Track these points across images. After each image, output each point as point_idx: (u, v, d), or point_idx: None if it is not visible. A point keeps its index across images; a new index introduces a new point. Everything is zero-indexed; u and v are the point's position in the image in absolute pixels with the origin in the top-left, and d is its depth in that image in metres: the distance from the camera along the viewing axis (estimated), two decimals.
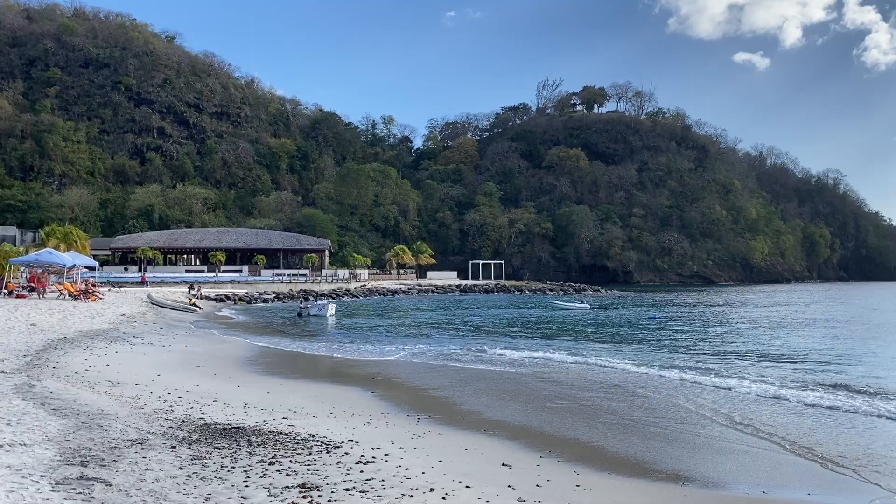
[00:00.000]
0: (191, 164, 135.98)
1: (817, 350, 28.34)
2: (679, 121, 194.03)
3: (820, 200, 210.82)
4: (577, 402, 16.68)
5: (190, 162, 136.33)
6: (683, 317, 50.83)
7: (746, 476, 10.84)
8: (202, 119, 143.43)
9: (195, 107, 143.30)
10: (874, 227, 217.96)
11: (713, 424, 14.45)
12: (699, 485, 10.30)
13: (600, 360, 24.53)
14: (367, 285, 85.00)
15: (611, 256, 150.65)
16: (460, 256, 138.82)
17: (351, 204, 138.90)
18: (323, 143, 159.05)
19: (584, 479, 9.95)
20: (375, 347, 28.89)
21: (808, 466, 11.40)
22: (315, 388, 17.82)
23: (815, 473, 11.04)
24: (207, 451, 9.76)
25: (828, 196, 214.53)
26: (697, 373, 21.26)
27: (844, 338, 34.54)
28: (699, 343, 31.35)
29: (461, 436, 12.58)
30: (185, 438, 10.52)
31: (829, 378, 20.38)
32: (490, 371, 22.12)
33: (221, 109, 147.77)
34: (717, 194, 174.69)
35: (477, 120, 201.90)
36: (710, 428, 14.16)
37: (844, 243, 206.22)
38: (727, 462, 11.67)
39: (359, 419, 13.52)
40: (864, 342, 32.31)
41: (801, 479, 10.76)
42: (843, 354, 26.62)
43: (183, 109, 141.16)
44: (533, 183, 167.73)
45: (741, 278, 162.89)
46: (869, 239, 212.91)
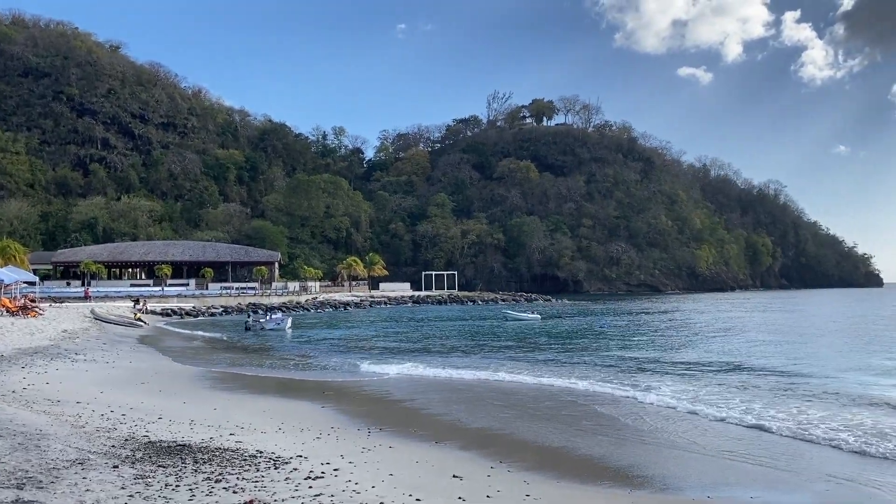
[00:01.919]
0: (136, 176, 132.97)
1: (758, 356, 29.13)
2: (625, 133, 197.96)
3: (761, 210, 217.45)
4: (528, 413, 16.79)
5: (135, 173, 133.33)
6: (633, 325, 51.68)
7: (695, 479, 11.07)
8: (148, 130, 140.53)
9: (140, 117, 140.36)
10: (812, 236, 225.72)
11: (663, 431, 14.72)
12: (649, 489, 10.48)
13: (551, 371, 24.78)
14: (318, 298, 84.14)
15: (561, 266, 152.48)
16: (413, 267, 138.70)
17: (301, 215, 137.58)
18: (272, 155, 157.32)
19: (535, 488, 10.02)
20: (327, 361, 28.63)
21: (752, 470, 11.70)
22: (264, 402, 17.56)
23: (759, 476, 11.34)
24: (151, 470, 9.51)
25: (769, 206, 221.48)
26: (649, 382, 21.65)
27: (786, 344, 35.59)
28: (648, 351, 31.90)
29: (412, 448, 12.54)
30: (129, 457, 10.24)
31: (769, 383, 20.99)
32: (441, 382, 22.12)
33: (168, 120, 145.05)
34: (662, 205, 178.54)
35: (428, 132, 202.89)
36: (659, 434, 14.43)
37: (785, 252, 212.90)
38: (675, 467, 11.87)
39: (308, 434, 13.37)
40: (811, 347, 33.33)
41: (746, 481, 11.04)
42: (784, 360, 27.42)
43: (128, 120, 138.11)
44: (484, 194, 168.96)
45: (687, 287, 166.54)
46: (808, 247, 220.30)
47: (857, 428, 14.34)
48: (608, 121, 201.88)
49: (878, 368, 24.28)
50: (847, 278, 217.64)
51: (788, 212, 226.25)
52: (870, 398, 17.90)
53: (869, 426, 14.54)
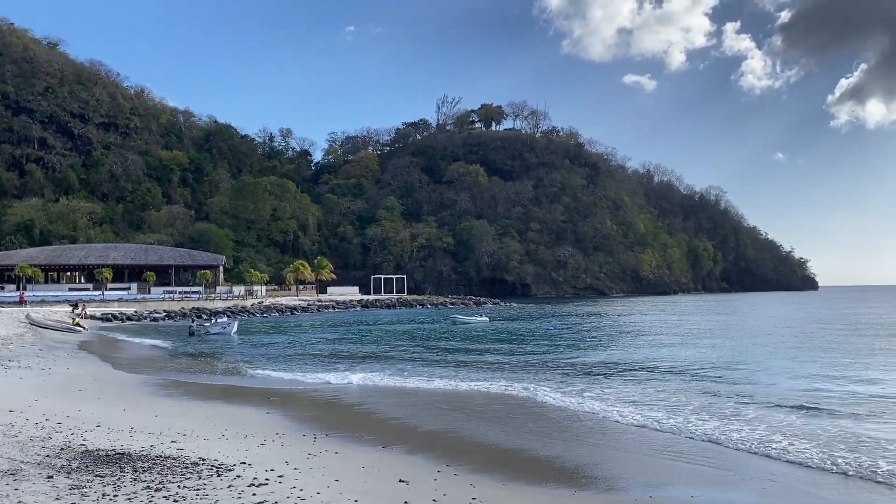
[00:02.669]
0: (75, 177, 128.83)
1: (699, 359, 29.88)
2: (572, 139, 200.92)
3: (703, 216, 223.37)
4: (476, 416, 16.86)
5: (74, 174, 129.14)
6: (579, 328, 52.39)
7: (638, 480, 11.27)
8: (88, 130, 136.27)
9: (80, 117, 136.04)
10: (752, 241, 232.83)
11: (607, 433, 14.98)
12: (593, 490, 10.65)
13: (499, 374, 24.97)
14: (264, 302, 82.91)
15: (509, 270, 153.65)
16: (362, 271, 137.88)
17: (247, 218, 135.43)
18: (217, 156, 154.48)
19: (481, 490, 10.08)
20: (273, 366, 28.26)
21: (692, 469, 11.99)
22: (208, 409, 17.23)
23: (699, 475, 11.62)
24: (88, 480, 9.25)
25: (710, 211, 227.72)
26: (594, 385, 21.99)
27: (724, 347, 36.58)
28: (593, 354, 32.39)
29: (359, 453, 12.47)
30: (64, 467, 9.93)
31: (709, 384, 21.57)
32: (389, 387, 22.06)
33: (109, 120, 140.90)
34: (608, 210, 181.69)
35: (378, 134, 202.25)
36: (604, 436, 14.67)
37: (726, 256, 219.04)
38: (619, 468, 12.07)
39: (253, 440, 13.17)
40: (746, 349, 34.33)
41: (687, 481, 11.30)
42: (724, 361, 28.20)
43: (67, 119, 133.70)
44: (434, 198, 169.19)
45: (631, 290, 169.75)
46: (747, 252, 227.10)
47: (788, 430, 14.86)
48: (556, 126, 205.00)
49: (810, 372, 25.16)
50: (784, 282, 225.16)
51: (729, 217, 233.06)
52: (801, 401, 18.52)
53: (798, 426, 15.09)
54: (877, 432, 14.38)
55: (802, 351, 32.50)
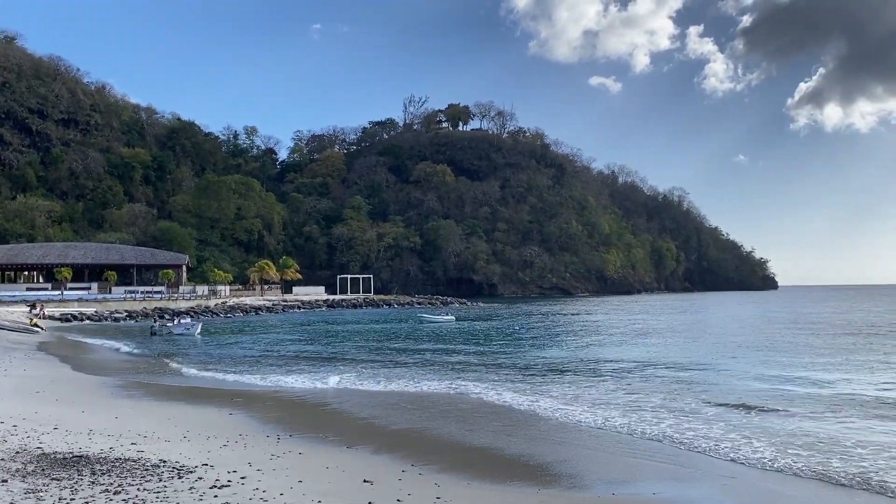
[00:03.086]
0: (33, 174, 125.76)
1: (662, 358, 30.31)
2: (538, 140, 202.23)
3: (666, 216, 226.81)
4: (440, 415, 16.88)
5: (32, 172, 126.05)
6: (544, 327, 52.77)
7: (601, 477, 11.38)
8: (47, 126, 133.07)
9: (39, 113, 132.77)
10: (714, 241, 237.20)
11: (571, 431, 15.11)
12: (557, 488, 10.72)
13: (464, 374, 25.05)
14: (228, 302, 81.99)
15: (476, 269, 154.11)
16: (328, 271, 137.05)
17: (211, 217, 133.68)
18: (181, 154, 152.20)
19: (446, 490, 10.08)
20: (237, 367, 27.96)
21: (653, 467, 12.14)
22: (169, 410, 16.98)
23: (660, 473, 11.79)
24: (44, 484, 9.05)
25: (673, 212, 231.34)
26: (558, 383, 22.17)
27: (688, 345, 37.15)
28: (558, 352, 32.64)
29: (323, 453, 12.40)
30: (19, 471, 9.70)
31: (670, 383, 21.91)
32: (354, 387, 21.98)
33: (69, 116, 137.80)
34: (573, 210, 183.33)
35: (344, 133, 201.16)
36: (568, 435, 14.80)
37: (688, 256, 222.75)
38: (583, 466, 12.17)
39: (215, 441, 13.02)
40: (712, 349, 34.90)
41: (648, 478, 11.45)
42: (693, 360, 28.65)
43: (24, 115, 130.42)
44: (401, 197, 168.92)
45: (596, 289, 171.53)
46: (709, 252, 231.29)
47: (747, 428, 15.16)
48: (522, 127, 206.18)
49: (769, 371, 25.68)
50: (745, 281, 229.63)
51: (691, 218, 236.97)
52: (760, 400, 18.90)
53: (756, 424, 15.43)
54: (830, 431, 14.74)
55: (761, 350, 33.14)
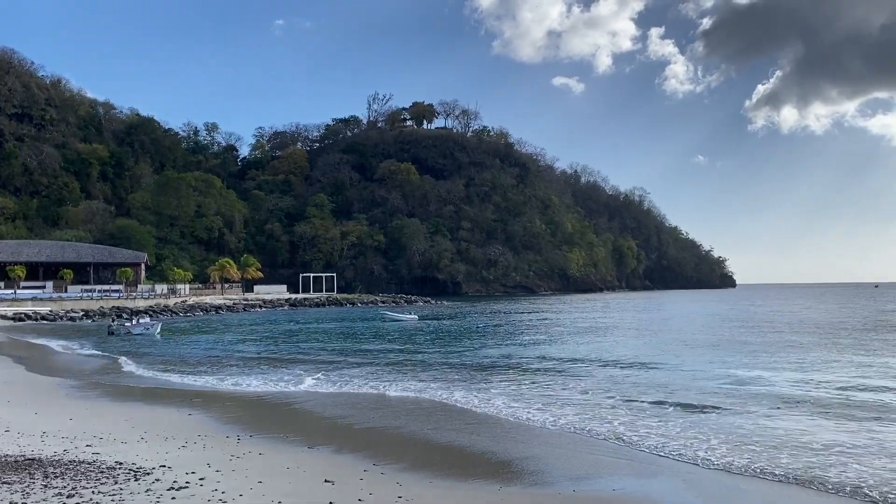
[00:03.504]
0: None
1: (623, 354, 30.70)
2: (502, 139, 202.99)
3: (627, 215, 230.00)
4: (402, 414, 16.85)
5: None
6: (508, 325, 53.03)
7: (563, 474, 11.47)
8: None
9: None
10: (673, 240, 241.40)
11: (532, 430, 15.20)
12: (519, 485, 10.76)
13: (426, 373, 25.05)
14: (188, 301, 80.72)
15: (441, 268, 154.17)
16: (290, 269, 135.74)
17: (171, 215, 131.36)
18: (139, 150, 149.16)
19: (407, 489, 10.06)
20: (197, 367, 27.55)
21: (613, 463, 12.28)
22: (126, 411, 16.67)
23: (621, 468, 11.93)
24: None
25: (634, 212, 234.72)
26: (519, 381, 22.29)
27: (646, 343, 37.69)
28: (523, 348, 32.82)
29: (284, 454, 12.28)
30: None
31: (629, 382, 22.20)
32: (315, 386, 21.82)
33: (22, 111, 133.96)
34: (537, 209, 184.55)
35: (307, 130, 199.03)
36: (528, 433, 14.89)
37: (649, 255, 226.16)
38: (544, 463, 12.25)
39: (173, 442, 12.80)
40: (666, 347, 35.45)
41: (609, 474, 11.57)
42: (644, 358, 29.06)
43: None
44: (365, 195, 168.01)
45: (560, 288, 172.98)
46: (669, 251, 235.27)
47: (704, 425, 15.43)
48: (486, 126, 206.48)
49: (726, 370, 26.17)
50: (704, 280, 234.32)
51: (652, 217, 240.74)
52: (716, 398, 19.24)
53: (713, 420, 15.71)
54: (782, 428, 15.08)
55: (716, 348, 33.76)
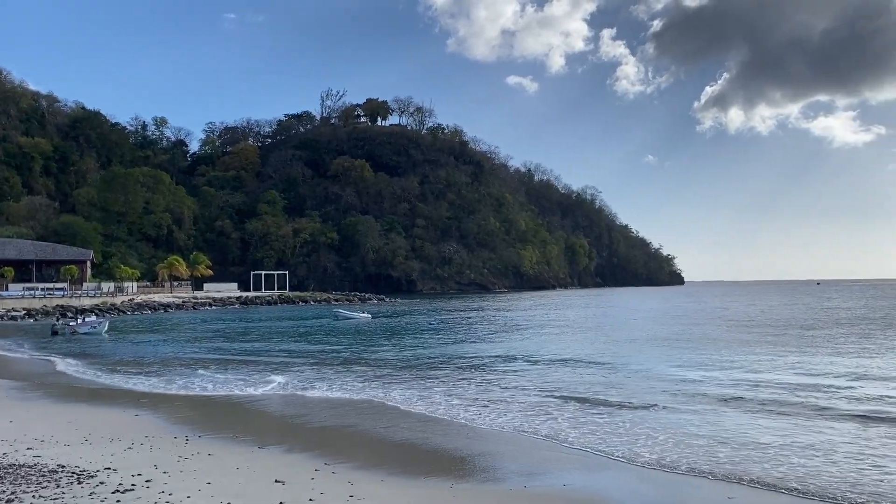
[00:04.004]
0: None
1: (579, 352, 31.11)
2: (457, 137, 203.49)
3: (579, 214, 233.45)
4: (353, 413, 16.79)
5: None
6: (461, 322, 53.23)
7: (514, 471, 11.58)
8: None
9: None
10: (624, 239, 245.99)
11: (486, 429, 15.29)
12: (471, 482, 10.82)
13: (377, 371, 24.99)
14: (135, 299, 78.93)
15: (395, 266, 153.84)
16: (241, 267, 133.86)
17: (118, 211, 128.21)
18: (85, 145, 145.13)
19: (359, 487, 10.02)
20: (144, 367, 26.96)
21: (565, 459, 12.44)
22: (70, 412, 16.22)
23: (571, 464, 12.10)
24: None
25: (586, 210, 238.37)
26: (470, 379, 22.40)
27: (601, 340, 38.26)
28: (473, 346, 32.99)
29: (234, 454, 12.11)
30: None
31: (579, 379, 22.52)
32: (266, 386, 21.58)
33: None
34: (491, 207, 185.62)
35: (259, 126, 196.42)
36: (480, 430, 14.97)
37: (600, 252, 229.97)
38: (496, 460, 12.35)
39: (119, 444, 12.51)
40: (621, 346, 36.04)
41: (559, 470, 11.72)
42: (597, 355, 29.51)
43: None
44: (318, 192, 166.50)
45: (513, 285, 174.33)
46: (620, 249, 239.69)
47: (651, 423, 15.74)
48: (441, 124, 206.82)
49: (674, 370, 26.73)
50: (653, 277, 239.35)
51: (603, 216, 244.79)
52: (664, 396, 19.63)
53: (663, 417, 16.03)
54: (726, 425, 15.49)
55: (666, 345, 34.45)
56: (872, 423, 14.68)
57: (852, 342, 33.07)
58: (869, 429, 14.23)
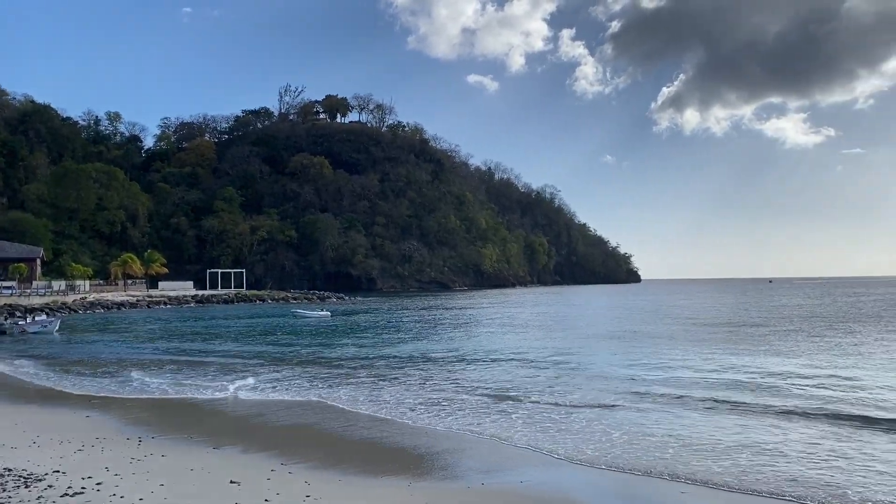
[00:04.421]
0: None
1: (534, 348, 31.36)
2: (417, 135, 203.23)
3: (539, 212, 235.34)
4: (309, 412, 16.69)
5: None
6: (421, 321, 53.20)
7: (472, 468, 11.64)
8: None
9: None
10: (582, 237, 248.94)
11: (447, 426, 15.33)
12: (429, 480, 10.84)
13: (333, 369, 24.87)
14: (87, 298, 77.07)
15: (355, 264, 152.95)
16: (198, 265, 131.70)
17: (69, 208, 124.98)
18: (35, 139, 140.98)
19: (316, 487, 9.97)
20: (97, 367, 26.34)
21: (520, 456, 12.55)
22: (18, 413, 15.79)
23: (528, 461, 12.20)
24: None
25: (545, 209, 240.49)
26: (429, 378, 22.44)
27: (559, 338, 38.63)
28: (433, 345, 33.00)
29: (189, 455, 11.94)
30: None
31: (535, 378, 22.73)
32: (220, 387, 21.28)
33: None
34: (451, 205, 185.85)
35: (215, 122, 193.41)
36: (444, 429, 15.00)
37: (559, 251, 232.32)
38: (454, 458, 12.40)
39: (69, 446, 12.23)
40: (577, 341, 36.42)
41: (516, 467, 11.82)
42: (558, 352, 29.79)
43: None
44: (276, 189, 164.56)
45: (473, 283, 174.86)
46: (578, 247, 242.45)
47: (606, 421, 15.97)
48: (401, 121, 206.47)
49: (625, 370, 27.13)
50: (611, 275, 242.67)
51: (562, 214, 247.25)
52: (615, 395, 19.90)
53: (620, 416, 16.27)
54: (678, 424, 15.77)
55: (623, 342, 34.95)
56: (820, 421, 14.97)
57: (801, 340, 33.92)
58: (818, 426, 14.52)
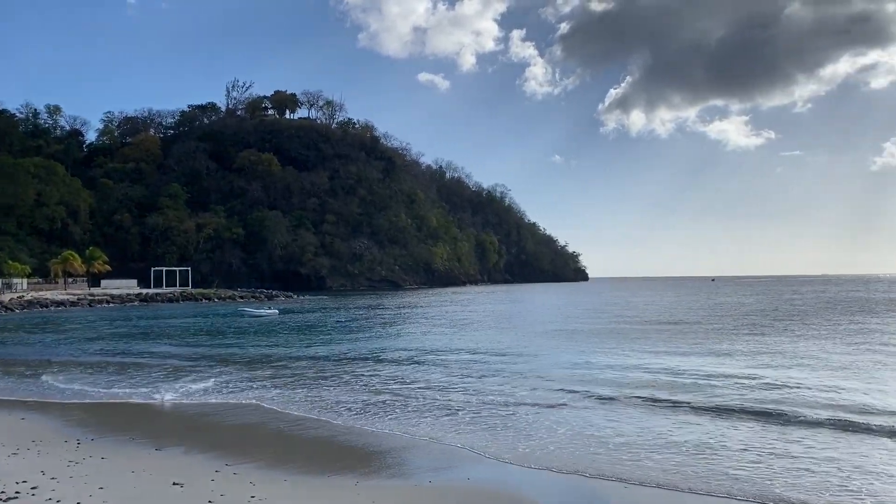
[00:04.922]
0: None
1: (491, 345, 31.58)
2: (368, 132, 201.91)
3: (490, 211, 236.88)
4: (256, 413, 16.51)
5: None
6: (369, 319, 53.01)
7: (419, 466, 11.71)
8: None
9: None
10: (532, 236, 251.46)
11: (395, 426, 15.33)
12: (376, 478, 10.84)
13: (279, 371, 24.61)
14: (25, 296, 74.56)
15: (304, 262, 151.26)
16: (142, 263, 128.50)
17: (6, 204, 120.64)
18: None
19: (261, 488, 9.88)
20: (34, 369, 25.51)
21: (469, 455, 12.63)
22: None
23: (474, 460, 12.30)
24: None
25: (496, 208, 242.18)
26: (377, 376, 22.39)
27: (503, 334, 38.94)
28: (381, 343, 32.92)
29: (130, 457, 11.68)
30: None
31: (478, 375, 22.90)
32: (163, 387, 20.86)
33: None
34: (402, 203, 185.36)
35: (161, 117, 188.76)
36: (391, 429, 15.00)
37: (509, 249, 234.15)
38: (401, 456, 12.45)
39: (3, 450, 11.84)
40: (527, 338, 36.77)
41: (462, 464, 11.91)
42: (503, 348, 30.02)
43: None
44: (223, 186, 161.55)
45: (424, 282, 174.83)
46: (528, 245, 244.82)
47: (549, 419, 16.19)
48: (351, 119, 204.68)
49: (576, 368, 27.53)
50: (559, 274, 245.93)
51: (512, 213, 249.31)
52: (562, 393, 20.20)
53: (559, 414, 16.49)
54: (627, 423, 16.09)
55: (569, 340, 35.43)
56: (764, 419, 15.17)
57: (745, 336, 34.88)
58: (760, 424, 14.74)
